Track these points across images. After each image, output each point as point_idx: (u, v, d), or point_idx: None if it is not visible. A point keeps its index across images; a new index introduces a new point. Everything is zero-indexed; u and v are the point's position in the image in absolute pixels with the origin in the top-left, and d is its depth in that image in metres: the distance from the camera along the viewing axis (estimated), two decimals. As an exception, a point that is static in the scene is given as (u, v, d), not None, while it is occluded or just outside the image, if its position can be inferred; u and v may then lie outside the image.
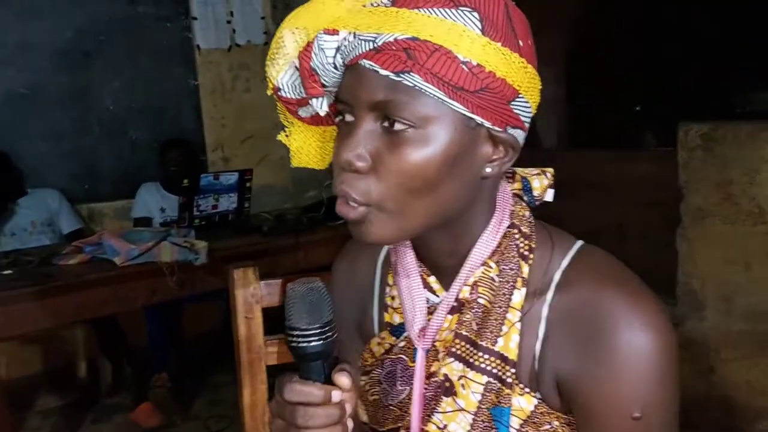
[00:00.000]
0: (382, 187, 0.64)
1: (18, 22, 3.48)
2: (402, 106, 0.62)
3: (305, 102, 0.71)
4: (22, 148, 3.49)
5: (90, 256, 2.50)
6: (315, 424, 0.63)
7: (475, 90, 0.61)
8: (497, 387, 0.70)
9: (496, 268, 0.72)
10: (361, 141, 0.65)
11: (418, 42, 0.60)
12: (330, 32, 0.64)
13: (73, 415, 3.08)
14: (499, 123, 0.65)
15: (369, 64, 0.62)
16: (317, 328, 0.65)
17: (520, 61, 0.63)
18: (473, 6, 0.61)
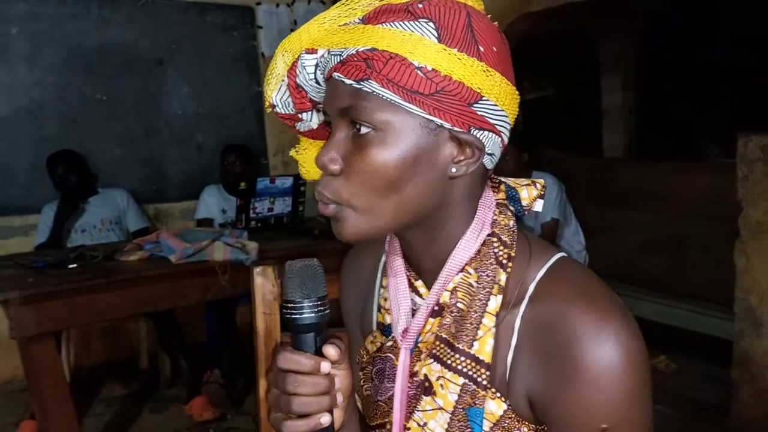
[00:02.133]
0: (350, 186, 0.69)
1: (97, 31, 3.70)
2: (363, 111, 0.67)
3: (298, 118, 0.78)
4: (97, 150, 3.72)
5: (149, 254, 2.63)
6: (302, 392, 0.68)
7: (431, 93, 0.65)
8: (472, 389, 0.72)
9: (475, 274, 0.74)
10: (334, 146, 0.70)
11: (377, 52, 0.66)
12: (310, 51, 0.71)
13: (134, 404, 3.24)
14: (461, 124, 0.67)
15: (338, 76, 0.68)
16: (311, 301, 0.70)
17: (479, 65, 0.66)
18: (430, 17, 0.66)
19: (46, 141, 3.53)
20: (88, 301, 2.37)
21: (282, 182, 3.32)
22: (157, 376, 3.44)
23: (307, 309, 0.69)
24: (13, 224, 3.52)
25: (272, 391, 0.72)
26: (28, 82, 3.54)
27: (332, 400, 0.70)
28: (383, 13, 0.67)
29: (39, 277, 2.37)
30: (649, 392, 0.68)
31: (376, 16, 0.68)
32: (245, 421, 3.00)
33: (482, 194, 0.76)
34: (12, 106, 3.51)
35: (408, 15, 0.66)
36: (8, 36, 3.47)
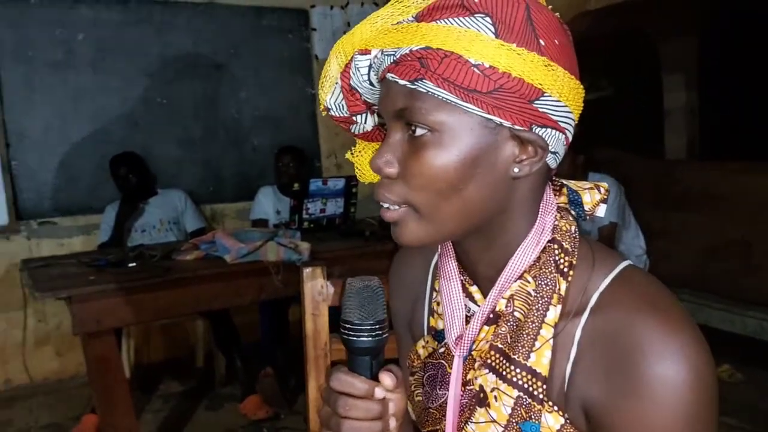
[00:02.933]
0: (410, 190, 0.67)
1: (158, 36, 3.81)
2: (418, 112, 0.64)
3: (352, 120, 0.76)
4: (157, 152, 3.82)
5: (205, 253, 2.68)
6: (353, 415, 0.66)
7: (489, 91, 0.62)
8: (527, 402, 0.69)
9: (534, 282, 0.70)
10: (390, 148, 0.68)
11: (431, 51, 0.62)
12: (363, 52, 0.69)
13: (190, 401, 3.31)
14: (522, 122, 0.64)
15: (391, 77, 0.66)
16: (368, 324, 0.68)
17: (540, 60, 0.62)
18: (487, 11, 0.62)
19: (109, 143, 3.65)
20: (147, 300, 2.43)
21: (334, 184, 3.33)
22: (213, 374, 3.50)
23: (364, 332, 0.68)
24: (77, 224, 3.65)
25: (324, 409, 0.70)
26: (93, 87, 3.67)
27: (384, 425, 0.68)
28: (437, 10, 0.64)
29: (100, 275, 2.44)
30: (714, 411, 0.64)
31: (429, 13, 0.64)
32: (297, 421, 3.02)
33: (543, 197, 0.72)
34: (78, 110, 3.64)
35: (463, 10, 0.63)
36: (74, 42, 3.60)
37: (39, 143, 3.55)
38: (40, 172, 3.56)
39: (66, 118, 3.61)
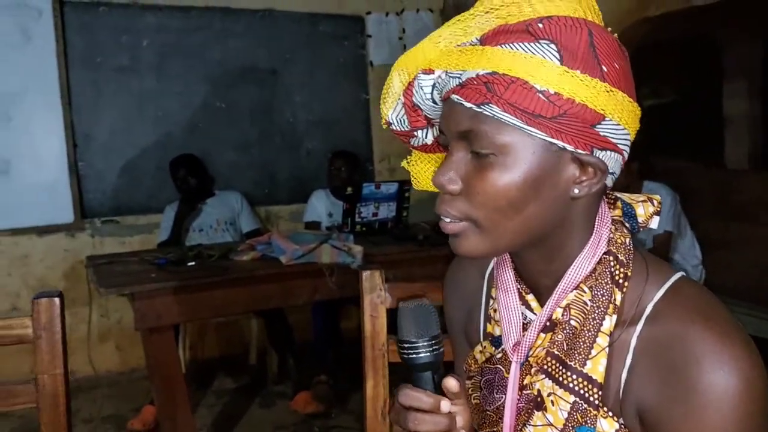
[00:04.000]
0: (473, 207, 0.69)
1: (218, 42, 3.92)
2: (484, 135, 0.67)
3: (412, 134, 0.79)
4: (215, 154, 3.93)
5: (261, 254, 2.75)
6: (423, 429, 0.70)
7: (553, 116, 0.64)
8: (583, 407, 0.71)
9: (589, 292, 0.73)
10: (453, 166, 0.70)
11: (497, 76, 0.64)
12: (427, 72, 0.71)
13: (243, 397, 3.39)
14: (583, 146, 0.66)
15: (456, 98, 0.68)
16: (425, 340, 0.72)
17: (602, 86, 0.64)
18: (552, 38, 0.64)
19: (169, 146, 3.78)
20: (205, 298, 2.51)
21: (387, 188, 3.37)
22: (265, 372, 3.58)
23: (422, 348, 0.72)
24: (138, 223, 3.79)
25: (396, 429, 0.74)
26: (156, 91, 3.80)
27: None
28: (502, 34, 0.66)
29: (161, 273, 2.53)
30: (765, 420, 0.65)
31: (494, 37, 0.66)
32: (349, 420, 3.07)
33: (599, 211, 0.74)
34: (141, 113, 3.78)
35: (528, 36, 0.64)
36: (139, 48, 3.75)
37: (104, 145, 3.70)
38: (105, 172, 3.71)
39: (130, 121, 3.75)
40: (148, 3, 3.74)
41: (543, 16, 0.65)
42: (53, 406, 1.02)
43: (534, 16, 0.65)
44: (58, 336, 1.02)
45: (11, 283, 3.50)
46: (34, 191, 3.50)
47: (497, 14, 0.67)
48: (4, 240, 3.46)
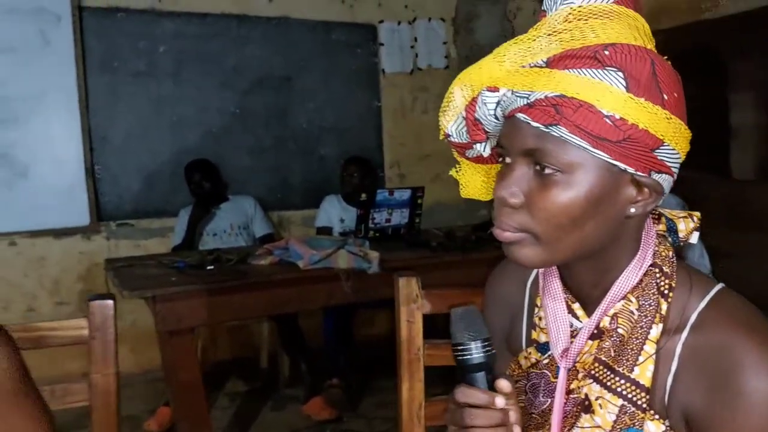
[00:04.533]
0: (534, 220, 0.73)
1: (234, 49, 3.98)
2: (550, 154, 0.71)
3: (470, 146, 0.83)
4: (229, 159, 3.98)
5: (278, 259, 2.79)
6: (479, 423, 0.74)
7: (618, 140, 0.68)
8: (631, 410, 0.75)
9: (636, 302, 0.77)
10: (515, 181, 0.74)
11: (566, 99, 0.68)
12: (492, 89, 0.75)
13: (256, 400, 3.43)
14: (643, 169, 0.71)
15: (523, 117, 0.72)
16: (478, 342, 0.76)
17: (663, 113, 0.68)
18: (619, 66, 0.68)
19: (185, 150, 3.82)
20: (224, 301, 2.55)
21: (400, 194, 3.41)
22: (276, 375, 3.62)
23: (475, 350, 0.76)
24: (152, 226, 3.83)
25: (450, 428, 0.78)
26: (172, 96, 3.85)
27: (508, 430, 0.75)
28: (569, 58, 0.69)
29: (181, 276, 2.57)
30: None
31: (561, 61, 0.70)
32: (360, 424, 3.10)
33: (645, 226, 0.79)
34: (157, 118, 3.83)
35: (595, 62, 0.68)
36: (156, 53, 3.80)
37: (120, 149, 3.74)
38: (121, 176, 3.75)
39: (146, 126, 3.80)
40: (165, 9, 3.79)
41: (607, 43, 0.69)
42: (105, 404, 1.06)
43: (597, 42, 0.69)
44: (111, 337, 1.06)
45: (28, 284, 3.54)
46: (52, 194, 3.54)
47: (560, 38, 0.71)
48: (22, 242, 3.50)
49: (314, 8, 4.15)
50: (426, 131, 4.52)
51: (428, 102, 4.52)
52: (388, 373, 3.57)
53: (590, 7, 0.72)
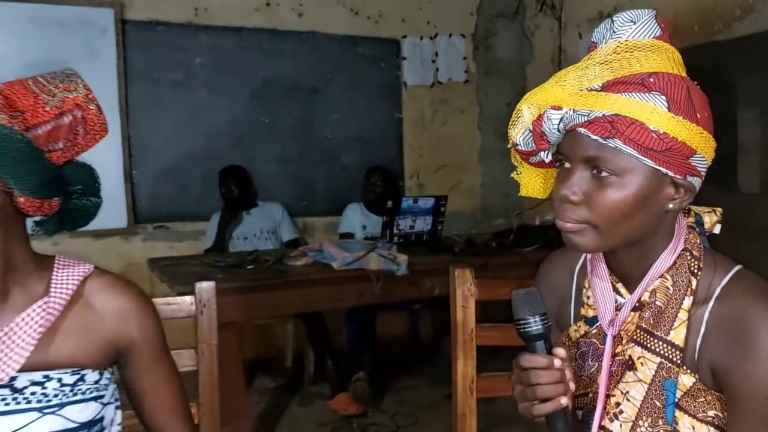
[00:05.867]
0: (592, 214, 0.91)
1: (264, 61, 4.18)
2: (607, 161, 0.88)
3: (535, 153, 1.01)
4: (258, 167, 4.17)
5: (313, 260, 2.98)
6: (543, 381, 0.91)
7: (662, 150, 0.86)
8: (668, 366, 0.93)
9: (671, 279, 0.96)
10: (575, 183, 0.92)
11: (620, 117, 0.86)
12: (556, 108, 0.92)
13: (283, 396, 3.60)
14: (681, 173, 0.89)
15: (583, 131, 0.89)
16: (537, 316, 0.93)
17: (697, 129, 0.87)
18: (661, 91, 0.86)
19: (216, 157, 4.02)
20: (265, 298, 2.73)
21: (424, 202, 3.59)
22: (302, 373, 3.79)
23: (534, 323, 0.92)
24: (185, 229, 4.02)
25: (517, 388, 0.95)
26: (206, 105, 4.06)
27: (565, 387, 0.92)
28: (621, 84, 0.87)
29: (224, 274, 2.75)
30: None
31: (615, 86, 0.87)
32: (384, 419, 3.27)
33: (678, 219, 0.97)
34: (192, 126, 4.02)
35: (643, 88, 0.86)
36: (192, 65, 4.00)
37: (157, 155, 3.94)
38: (157, 180, 3.95)
39: (181, 133, 4.00)
40: (202, 23, 4.00)
41: (651, 72, 0.87)
42: (209, 370, 1.24)
43: (642, 71, 0.87)
44: (214, 313, 1.24)
45: (68, 282, 3.72)
46: (93, 197, 3.72)
47: (611, 66, 0.89)
48: (64, 242, 3.68)
49: (341, 23, 4.36)
50: (445, 142, 4.72)
51: (448, 114, 4.72)
52: (407, 373, 3.80)
53: (635, 42, 0.90)
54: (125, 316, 1.04)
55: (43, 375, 0.96)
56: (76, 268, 1.04)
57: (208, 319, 1.25)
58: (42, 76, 1.00)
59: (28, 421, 0.94)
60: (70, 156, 1.01)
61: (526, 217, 3.87)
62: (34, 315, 0.96)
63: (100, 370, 1.02)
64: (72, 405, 0.97)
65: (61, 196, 0.99)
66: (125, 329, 1.03)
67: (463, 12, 4.74)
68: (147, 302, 1.07)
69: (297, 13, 4.24)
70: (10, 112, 0.91)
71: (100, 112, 1.04)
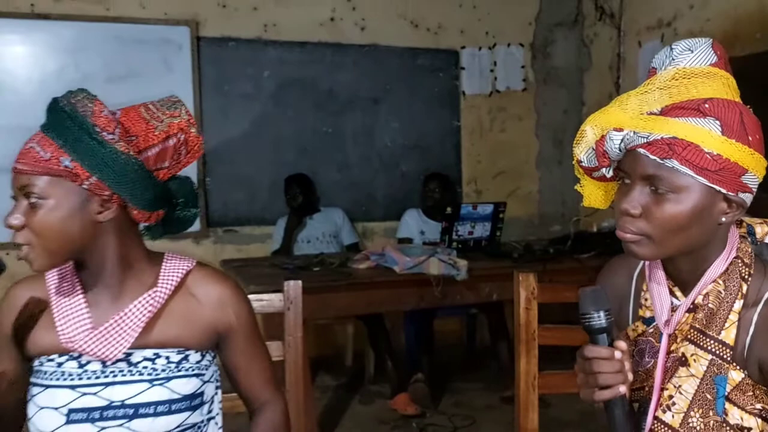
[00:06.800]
0: (650, 227, 1.01)
1: (328, 73, 4.37)
2: (665, 179, 0.98)
3: (597, 169, 1.11)
4: (321, 174, 4.36)
5: (375, 263, 3.12)
6: (604, 370, 1.01)
7: (716, 170, 0.95)
8: (719, 363, 1.03)
9: (723, 284, 1.05)
10: (635, 198, 1.01)
11: (677, 140, 0.95)
12: (618, 130, 1.02)
13: (344, 394, 3.75)
14: (733, 190, 0.98)
15: (643, 152, 0.99)
16: (602, 311, 1.03)
17: (749, 150, 0.96)
18: (716, 116, 0.95)
19: (282, 165, 4.22)
20: (332, 298, 2.89)
21: (483, 209, 3.69)
22: (362, 372, 3.94)
23: (597, 318, 1.02)
24: (253, 233, 4.24)
25: (580, 376, 1.05)
26: (273, 116, 4.27)
27: (624, 376, 1.02)
28: (679, 109, 0.96)
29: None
30: None
31: (672, 111, 0.97)
32: (442, 419, 3.38)
33: (731, 229, 1.06)
34: (260, 135, 4.24)
35: (698, 113, 0.95)
36: (261, 78, 4.22)
37: (228, 162, 4.17)
38: (227, 186, 4.17)
39: (250, 143, 4.22)
40: (270, 39, 4.22)
41: (706, 98, 0.96)
42: (295, 360, 1.39)
43: (698, 96, 0.96)
44: (299, 308, 1.40)
45: (145, 282, 3.97)
46: (169, 202, 3.98)
47: (669, 92, 0.98)
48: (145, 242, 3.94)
49: (401, 36, 4.51)
50: (502, 149, 4.81)
51: (505, 121, 4.81)
52: (464, 376, 3.90)
53: (692, 69, 0.99)
54: (223, 303, 1.20)
55: (153, 352, 1.14)
56: (181, 263, 1.20)
57: (295, 314, 1.40)
58: (152, 103, 1.15)
59: (140, 390, 1.11)
60: (174, 172, 1.17)
61: (584, 224, 3.92)
62: (144, 302, 1.13)
63: (202, 352, 1.18)
64: (177, 379, 1.14)
65: (167, 207, 1.15)
66: (224, 315, 1.20)
67: (522, 22, 4.83)
68: (241, 291, 1.23)
69: (359, 27, 4.42)
70: (127, 137, 1.08)
71: (199, 134, 1.19)
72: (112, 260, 1.12)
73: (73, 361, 1.12)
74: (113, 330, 1.11)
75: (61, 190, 1.04)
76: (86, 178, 1.04)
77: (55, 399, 1.09)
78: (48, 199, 1.04)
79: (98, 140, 1.03)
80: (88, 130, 1.04)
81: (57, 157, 1.03)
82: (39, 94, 3.64)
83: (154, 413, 1.10)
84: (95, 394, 1.09)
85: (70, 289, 1.14)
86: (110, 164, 1.04)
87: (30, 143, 1.05)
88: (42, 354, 1.13)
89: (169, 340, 1.15)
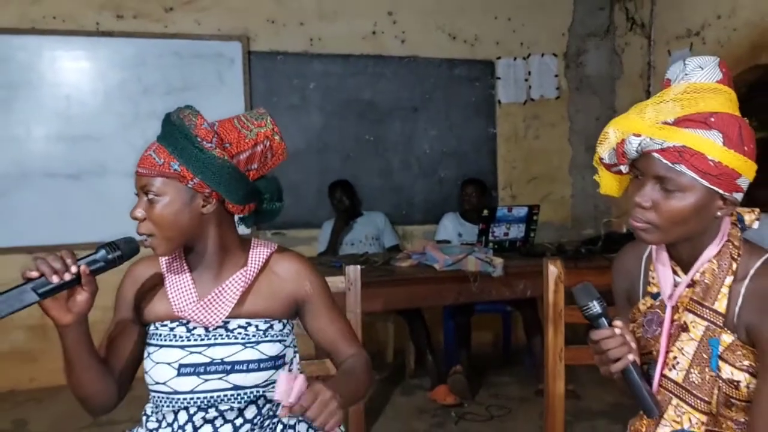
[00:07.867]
0: (658, 218, 1.21)
1: (370, 84, 4.63)
2: (673, 180, 1.17)
3: (615, 165, 1.31)
4: (363, 180, 4.61)
5: (417, 262, 3.34)
6: (609, 347, 1.22)
7: (716, 174, 1.15)
8: (713, 328, 1.23)
9: (717, 263, 1.24)
10: (647, 193, 1.21)
11: (686, 148, 1.15)
12: (636, 135, 1.21)
13: (386, 387, 3.98)
14: (728, 190, 1.17)
15: (657, 156, 1.18)
16: (595, 300, 1.24)
17: (744, 159, 1.15)
18: (719, 129, 1.14)
19: (327, 171, 4.49)
20: (378, 294, 3.11)
21: (518, 211, 3.88)
22: (402, 367, 4.15)
23: (593, 306, 1.23)
24: (300, 235, 4.50)
25: (595, 357, 1.26)
26: (318, 125, 4.54)
27: (629, 346, 1.23)
28: (689, 121, 1.15)
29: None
30: None
31: (684, 122, 1.16)
32: (479, 409, 3.57)
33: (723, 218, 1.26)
34: (306, 143, 4.52)
35: (705, 126, 1.14)
36: (307, 89, 4.50)
37: (276, 169, 4.41)
38: (276, 192, 4.44)
39: (297, 151, 4.49)
40: (315, 52, 4.50)
41: (712, 112, 1.15)
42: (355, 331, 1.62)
43: (705, 110, 1.15)
44: (359, 289, 1.64)
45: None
46: (222, 206, 4.27)
47: (681, 104, 1.18)
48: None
49: (440, 48, 4.75)
50: (536, 155, 5.00)
51: (540, 129, 5.00)
52: (499, 371, 4.09)
53: (701, 84, 1.19)
54: (299, 275, 1.44)
55: (246, 321, 1.38)
56: (266, 248, 1.45)
57: (355, 294, 1.64)
58: (243, 115, 1.40)
59: (236, 351, 1.35)
60: (262, 173, 1.42)
61: (614, 225, 4.08)
62: (237, 279, 1.37)
63: (284, 322, 1.42)
64: (264, 343, 1.37)
65: (257, 201, 1.40)
66: (300, 285, 1.43)
67: (556, 33, 5.02)
68: (313, 265, 1.48)
69: (400, 40, 4.67)
70: (222, 145, 1.32)
71: (282, 141, 1.44)
72: (213, 245, 1.37)
73: (182, 326, 1.37)
74: (214, 302, 1.36)
75: (172, 188, 1.29)
76: (191, 179, 1.28)
77: (168, 356, 1.34)
78: (163, 196, 1.29)
79: (199, 148, 1.28)
80: (192, 139, 1.28)
81: (168, 162, 1.28)
82: (103, 106, 4.00)
83: (246, 369, 1.34)
84: (200, 353, 1.34)
85: (180, 268, 1.39)
86: (209, 167, 1.28)
87: (148, 151, 1.31)
88: (157, 320, 1.39)
89: (258, 312, 1.39)
